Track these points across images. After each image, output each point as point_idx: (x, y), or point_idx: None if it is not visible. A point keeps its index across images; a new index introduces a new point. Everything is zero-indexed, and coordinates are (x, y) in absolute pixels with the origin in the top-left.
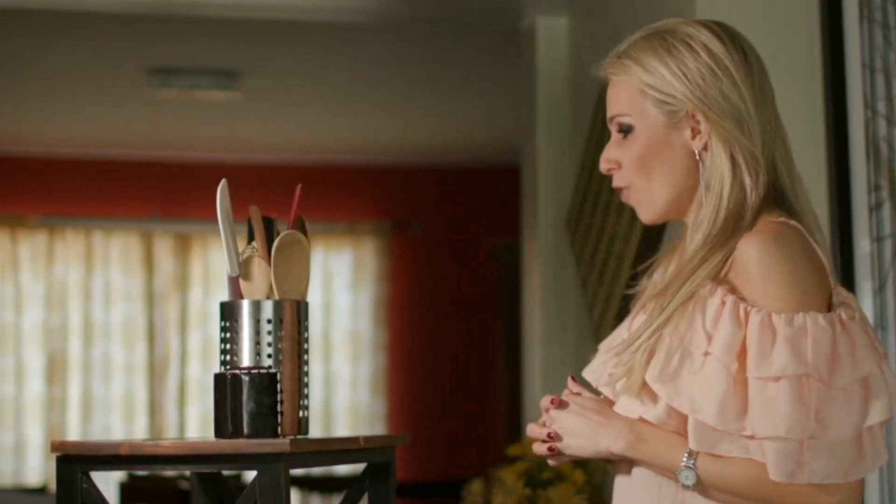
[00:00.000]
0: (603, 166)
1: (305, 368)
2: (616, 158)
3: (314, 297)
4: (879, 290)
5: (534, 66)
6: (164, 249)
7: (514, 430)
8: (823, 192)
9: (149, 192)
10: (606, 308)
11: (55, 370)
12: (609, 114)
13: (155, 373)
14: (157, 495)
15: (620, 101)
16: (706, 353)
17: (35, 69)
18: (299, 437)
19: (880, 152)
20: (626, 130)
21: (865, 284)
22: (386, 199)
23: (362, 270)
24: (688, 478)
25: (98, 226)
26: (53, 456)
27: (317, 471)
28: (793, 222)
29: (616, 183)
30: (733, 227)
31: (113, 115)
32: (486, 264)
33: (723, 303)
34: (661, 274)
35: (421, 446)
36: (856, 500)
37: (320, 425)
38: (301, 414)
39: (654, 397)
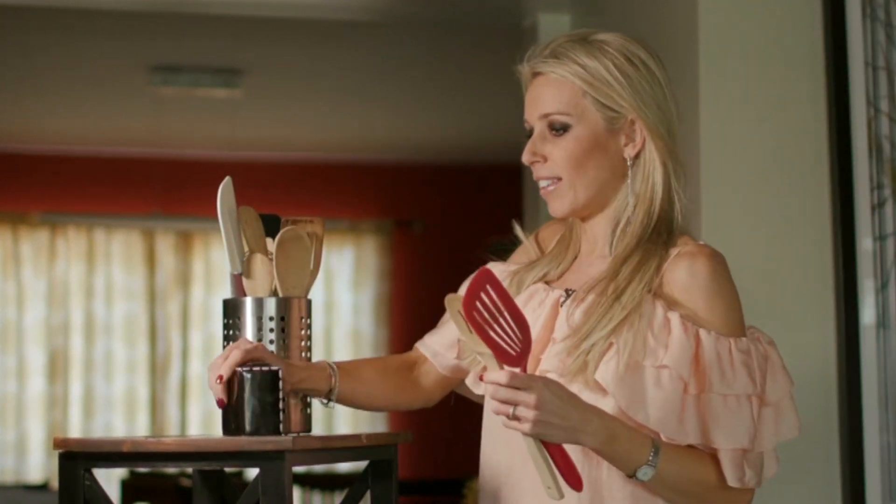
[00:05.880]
0: (527, 158)
1: None
2: (544, 153)
3: (316, 296)
4: (882, 289)
5: None
6: (165, 247)
7: None
8: (826, 190)
9: (151, 189)
10: None
11: (57, 368)
12: (542, 111)
13: (157, 370)
14: (158, 493)
15: (558, 101)
16: (661, 367)
17: (37, 66)
18: (301, 434)
19: (883, 150)
20: (560, 129)
21: (867, 283)
22: (387, 197)
23: (364, 269)
24: (646, 474)
25: (100, 223)
26: (55, 453)
27: (319, 468)
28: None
29: (541, 174)
30: (664, 231)
31: (115, 113)
32: (487, 263)
33: (667, 319)
34: (555, 266)
35: (423, 444)
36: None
37: (322, 423)
38: (303, 411)
39: (603, 393)
